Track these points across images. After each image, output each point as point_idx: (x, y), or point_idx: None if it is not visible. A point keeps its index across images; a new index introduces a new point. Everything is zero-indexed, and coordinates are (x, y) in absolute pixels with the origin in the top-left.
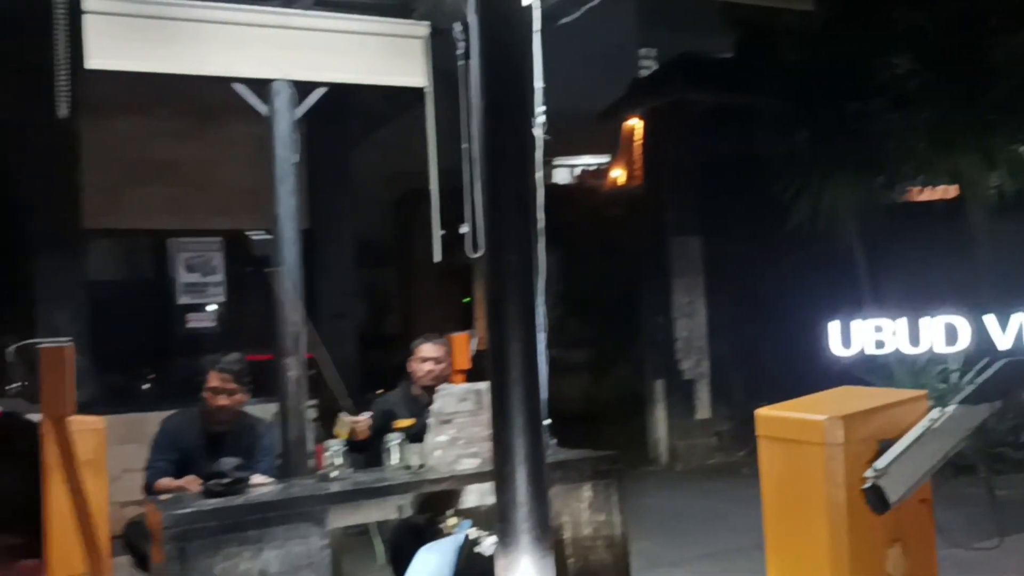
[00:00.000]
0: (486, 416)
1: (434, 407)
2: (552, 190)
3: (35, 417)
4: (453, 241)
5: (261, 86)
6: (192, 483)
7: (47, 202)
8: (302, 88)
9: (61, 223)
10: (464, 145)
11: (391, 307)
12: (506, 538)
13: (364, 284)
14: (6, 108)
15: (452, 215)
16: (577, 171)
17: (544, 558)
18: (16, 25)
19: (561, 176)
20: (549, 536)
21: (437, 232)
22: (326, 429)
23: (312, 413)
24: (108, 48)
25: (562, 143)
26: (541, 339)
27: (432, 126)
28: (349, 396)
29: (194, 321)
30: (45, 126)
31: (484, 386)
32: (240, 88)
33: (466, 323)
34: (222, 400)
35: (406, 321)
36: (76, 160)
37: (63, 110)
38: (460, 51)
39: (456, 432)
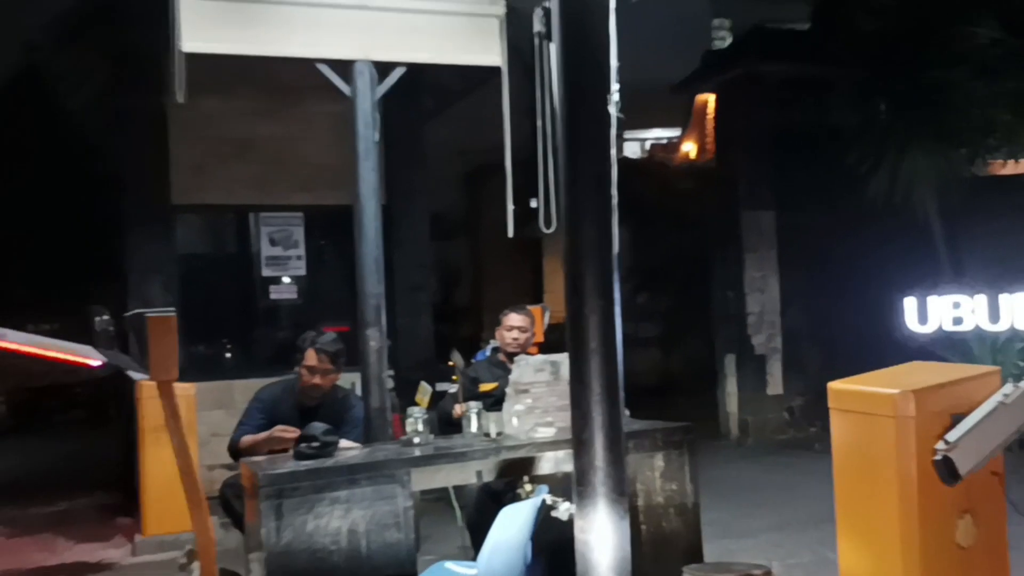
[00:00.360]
0: (562, 386)
1: (512, 376)
2: (622, 163)
3: (137, 375)
4: (524, 216)
5: (343, 66)
6: (279, 431)
7: (139, 179)
8: (382, 68)
9: (152, 199)
10: (539, 122)
11: (461, 280)
12: (584, 500)
13: (436, 258)
14: (101, 91)
15: (522, 190)
16: (647, 144)
17: (620, 520)
18: (110, 11)
19: (631, 149)
20: (625, 499)
21: (510, 207)
22: (402, 399)
23: (389, 383)
24: (202, 32)
25: (632, 116)
26: (617, 312)
27: (507, 104)
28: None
29: (276, 293)
30: (137, 108)
31: (561, 357)
32: (324, 69)
33: (535, 296)
34: (317, 379)
35: (475, 294)
36: (165, 139)
37: (180, 96)
38: (536, 29)
39: (533, 401)
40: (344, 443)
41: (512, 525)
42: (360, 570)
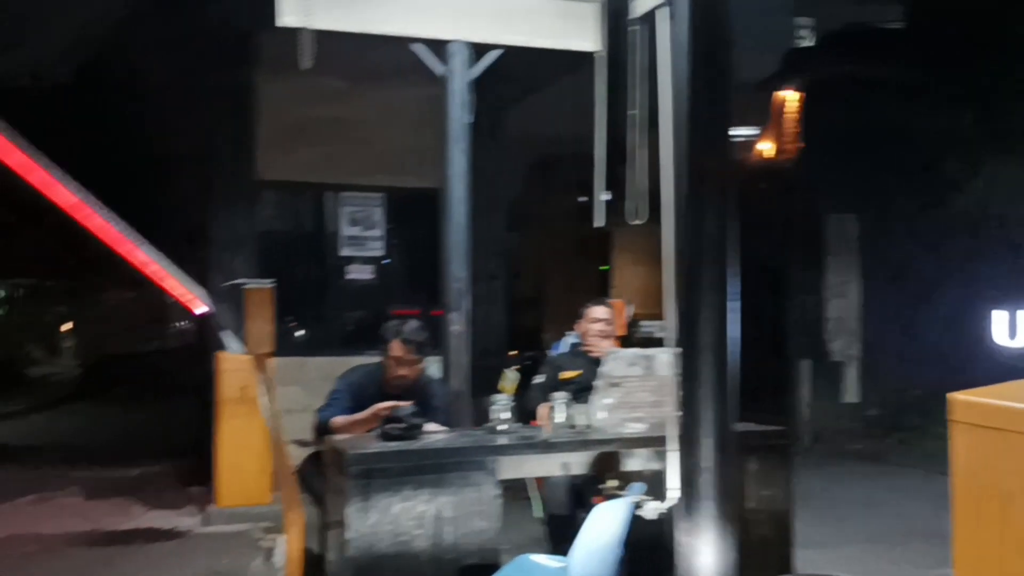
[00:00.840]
0: (655, 382)
1: (603, 369)
2: None
3: (231, 345)
4: (589, 209)
5: (438, 47)
6: (384, 407)
7: (226, 154)
8: (477, 50)
9: (238, 174)
10: (631, 111)
11: (525, 271)
12: (690, 502)
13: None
14: (189, 66)
15: (590, 182)
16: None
17: (728, 524)
18: None
19: None
20: (733, 503)
21: (599, 197)
22: (471, 384)
23: None
24: (298, 6)
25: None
26: (735, 307)
27: (603, 92)
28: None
29: (353, 273)
30: (227, 84)
31: (654, 352)
32: (418, 48)
33: (601, 290)
34: (403, 370)
35: (539, 286)
36: (252, 115)
37: (307, 62)
38: (633, 16)
39: (623, 396)
40: (430, 426)
41: (606, 523)
42: (443, 556)
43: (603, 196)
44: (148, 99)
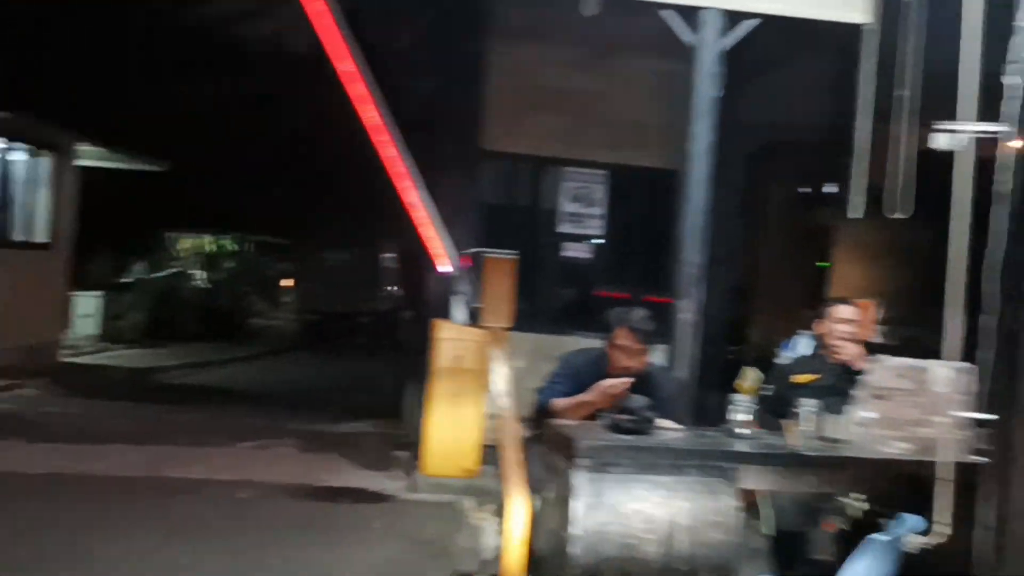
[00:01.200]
0: (925, 399)
1: (868, 378)
2: (935, 156)
3: (460, 316)
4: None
5: (689, 14)
6: (607, 386)
7: (453, 123)
8: (730, 19)
9: (463, 144)
10: (897, 93)
11: (740, 262)
12: (1000, 549)
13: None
14: (421, 34)
15: (818, 172)
16: (967, 139)
17: None
18: None
19: (941, 142)
20: None
21: (861, 185)
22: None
23: None
24: None
25: (944, 107)
26: None
27: (871, 69)
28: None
29: (569, 250)
30: (456, 51)
31: (928, 364)
32: (668, 15)
33: (818, 288)
34: (628, 360)
35: (752, 278)
36: (481, 84)
37: (592, 8)
38: None
39: (887, 410)
40: (663, 422)
41: (879, 558)
42: (674, 567)
43: (829, 187)
44: (379, 65)
